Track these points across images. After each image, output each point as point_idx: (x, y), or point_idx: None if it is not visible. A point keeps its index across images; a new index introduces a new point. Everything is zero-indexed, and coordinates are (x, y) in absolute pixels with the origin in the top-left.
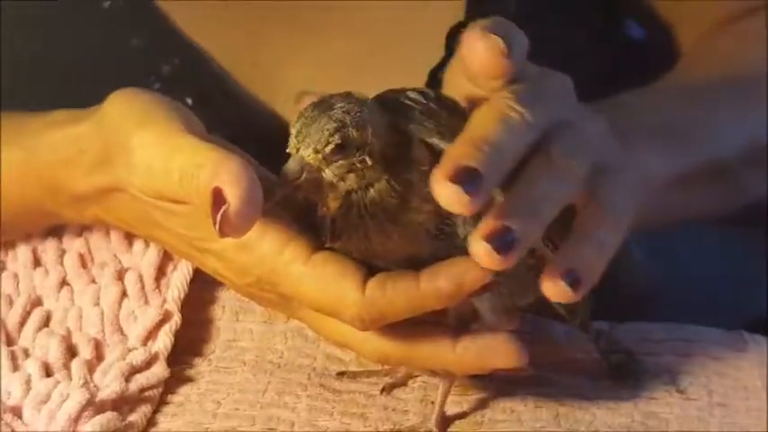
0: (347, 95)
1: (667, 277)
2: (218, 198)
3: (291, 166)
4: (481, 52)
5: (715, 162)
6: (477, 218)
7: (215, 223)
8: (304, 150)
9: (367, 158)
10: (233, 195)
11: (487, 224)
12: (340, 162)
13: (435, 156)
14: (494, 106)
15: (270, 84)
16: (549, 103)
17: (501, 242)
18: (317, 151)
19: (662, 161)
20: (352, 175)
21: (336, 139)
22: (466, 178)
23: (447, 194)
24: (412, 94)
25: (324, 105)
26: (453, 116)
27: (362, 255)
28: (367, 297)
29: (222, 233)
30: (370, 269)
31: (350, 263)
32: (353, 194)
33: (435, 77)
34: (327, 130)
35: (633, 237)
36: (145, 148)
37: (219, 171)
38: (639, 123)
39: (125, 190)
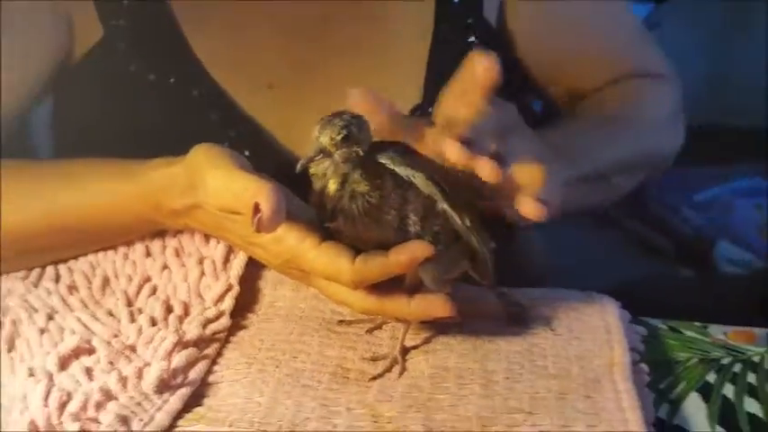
0: (352, 113)
1: (553, 258)
2: (256, 209)
3: (314, 147)
4: (485, 63)
5: (595, 170)
6: (424, 219)
7: (252, 225)
8: (323, 138)
9: (360, 150)
10: (265, 207)
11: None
12: (344, 150)
13: (395, 179)
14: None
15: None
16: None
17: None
18: (331, 139)
19: (564, 168)
20: (349, 163)
21: (344, 132)
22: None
23: (452, 150)
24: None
25: (338, 114)
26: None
27: (351, 240)
28: (356, 267)
29: (257, 230)
30: (357, 251)
31: (344, 247)
32: (345, 186)
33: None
34: (339, 126)
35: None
36: (215, 180)
37: (257, 193)
38: (551, 145)
39: (203, 207)
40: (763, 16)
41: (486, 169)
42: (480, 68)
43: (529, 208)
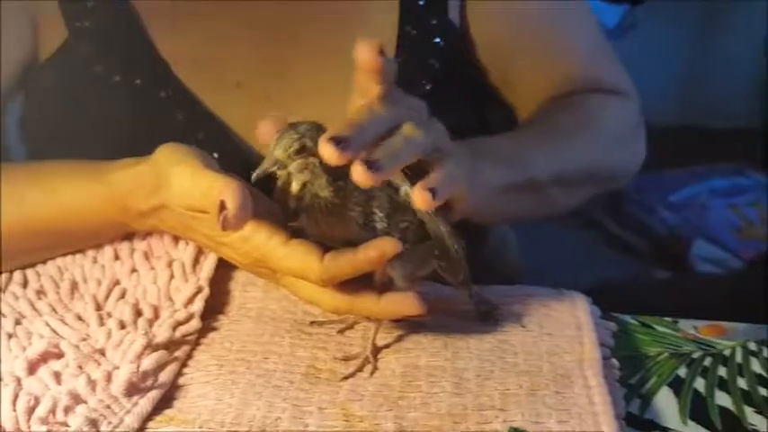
0: (312, 122)
1: (530, 262)
2: (221, 207)
3: (268, 158)
4: (366, 48)
5: (530, 179)
6: (390, 215)
7: (218, 223)
8: (277, 151)
9: (317, 162)
10: (230, 205)
11: (363, 157)
12: (299, 161)
13: None
14: (364, 105)
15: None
16: (404, 107)
17: (371, 165)
18: (285, 150)
19: (496, 174)
20: (306, 172)
21: (297, 144)
22: (339, 141)
23: (326, 151)
24: None
25: (293, 125)
26: None
27: (317, 237)
28: (325, 264)
29: (223, 228)
30: (325, 249)
31: (312, 245)
32: (307, 186)
33: None
34: (293, 138)
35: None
36: (180, 178)
37: (223, 190)
38: (485, 150)
39: (169, 207)
40: (741, 18)
41: (358, 174)
42: (360, 56)
43: (415, 196)
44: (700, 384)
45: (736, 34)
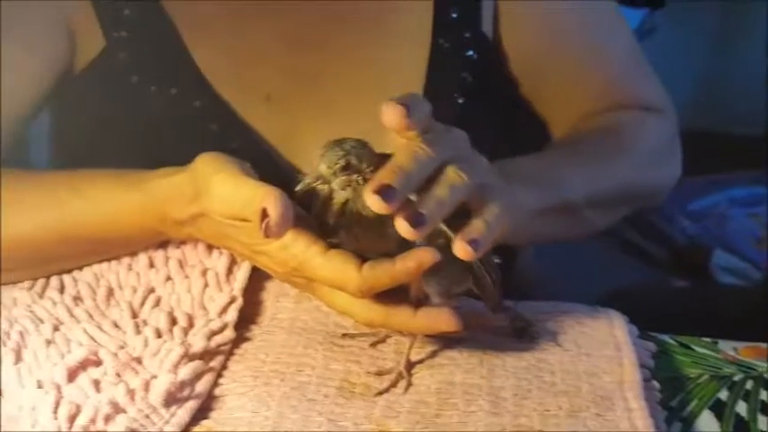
0: (357, 139)
1: (547, 270)
2: (263, 215)
3: (312, 173)
4: (389, 114)
5: (565, 202)
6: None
7: (261, 230)
8: (321, 166)
9: (360, 180)
10: (272, 213)
11: (407, 211)
12: (342, 178)
13: None
14: (407, 146)
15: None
16: (447, 144)
17: (416, 220)
18: (329, 167)
19: (531, 197)
20: (349, 189)
21: (342, 161)
22: (384, 191)
23: (372, 202)
24: None
25: (339, 141)
26: None
27: (354, 250)
28: (363, 275)
29: (266, 236)
30: (363, 260)
31: (350, 255)
32: (349, 204)
33: None
34: (338, 154)
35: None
36: (222, 186)
37: (265, 198)
38: (520, 172)
39: (207, 215)
40: (762, 23)
41: (401, 228)
42: (386, 122)
43: (457, 249)
44: (741, 408)
45: (756, 39)
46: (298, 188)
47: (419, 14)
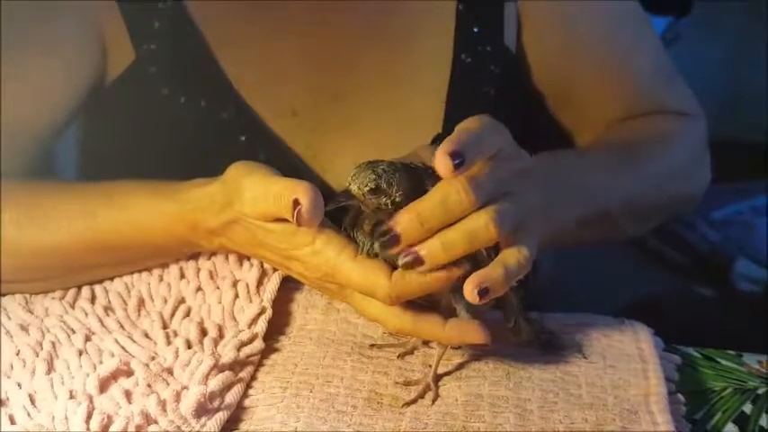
0: (391, 162)
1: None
2: (295, 204)
3: (343, 191)
4: (440, 167)
5: (601, 212)
6: None
7: (293, 219)
8: (352, 186)
9: (389, 203)
10: (304, 201)
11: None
12: (372, 199)
13: None
14: (442, 187)
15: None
16: (492, 186)
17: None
18: (359, 188)
19: (568, 211)
20: (378, 212)
21: (373, 184)
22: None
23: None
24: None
25: (373, 163)
26: None
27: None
28: (393, 282)
29: (298, 224)
30: (393, 268)
31: (381, 262)
32: (376, 226)
33: None
34: (368, 178)
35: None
36: (253, 186)
37: (296, 190)
38: (560, 181)
39: (240, 222)
40: None
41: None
42: (438, 170)
43: (466, 292)
44: (763, 421)
45: None
46: (328, 207)
47: (441, 30)
